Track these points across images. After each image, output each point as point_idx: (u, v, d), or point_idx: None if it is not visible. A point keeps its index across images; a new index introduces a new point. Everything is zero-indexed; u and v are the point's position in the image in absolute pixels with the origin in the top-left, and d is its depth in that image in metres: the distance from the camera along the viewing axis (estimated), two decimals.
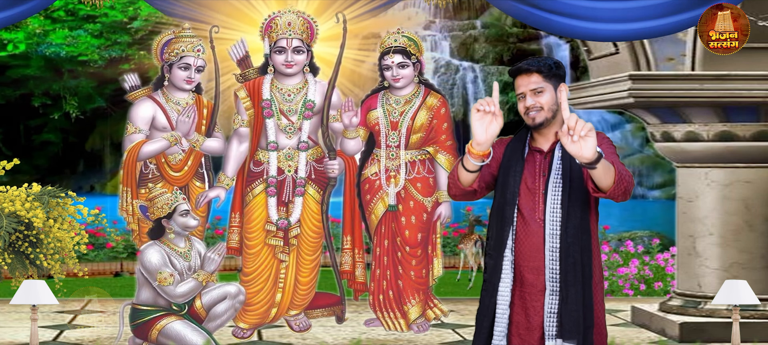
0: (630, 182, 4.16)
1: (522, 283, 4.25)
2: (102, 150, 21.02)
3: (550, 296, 4.20)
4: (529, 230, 4.24)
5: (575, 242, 4.18)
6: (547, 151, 4.27)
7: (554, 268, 4.19)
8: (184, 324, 6.78)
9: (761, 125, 8.07)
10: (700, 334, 7.84)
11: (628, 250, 12.02)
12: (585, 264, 4.20)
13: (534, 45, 20.93)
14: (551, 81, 4.26)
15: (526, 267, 4.24)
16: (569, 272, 4.17)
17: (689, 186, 8.34)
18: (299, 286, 7.44)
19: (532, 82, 4.24)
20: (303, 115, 7.29)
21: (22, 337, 7.89)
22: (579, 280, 4.18)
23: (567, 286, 4.17)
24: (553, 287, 4.20)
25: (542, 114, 4.23)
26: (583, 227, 4.21)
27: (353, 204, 7.49)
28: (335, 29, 7.28)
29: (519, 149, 4.30)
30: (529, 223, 4.24)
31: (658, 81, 7.92)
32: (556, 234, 4.19)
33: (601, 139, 4.21)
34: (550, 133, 4.28)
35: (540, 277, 4.22)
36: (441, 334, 7.91)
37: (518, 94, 4.28)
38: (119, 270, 13.23)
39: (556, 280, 4.19)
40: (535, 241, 4.23)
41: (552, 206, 4.21)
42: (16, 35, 18.48)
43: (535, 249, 4.23)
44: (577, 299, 4.16)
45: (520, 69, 4.28)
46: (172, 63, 7.19)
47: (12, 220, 7.14)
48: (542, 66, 4.26)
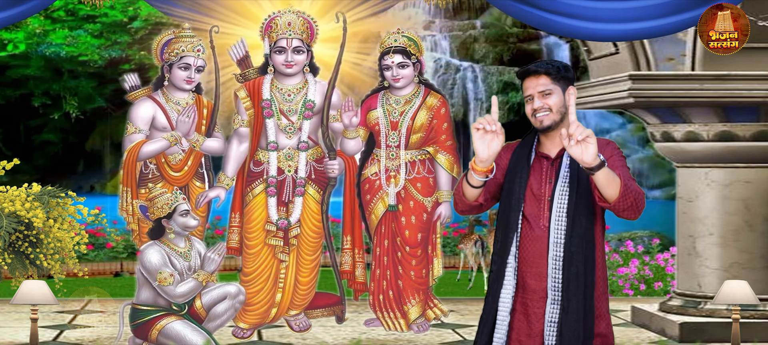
0: (638, 198, 4.10)
1: (524, 289, 4.21)
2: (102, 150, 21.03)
3: (552, 305, 4.16)
4: (534, 236, 4.20)
5: (579, 251, 4.13)
6: (555, 157, 4.23)
7: (557, 277, 4.15)
8: (184, 324, 6.78)
9: (761, 125, 8.07)
10: (700, 334, 7.84)
11: (628, 250, 12.03)
12: (588, 274, 4.15)
13: (534, 45, 20.93)
14: (560, 83, 4.22)
15: (529, 273, 4.20)
16: (571, 281, 4.12)
17: (689, 186, 8.35)
18: (299, 286, 7.44)
19: (541, 84, 4.20)
20: (303, 115, 7.29)
21: (22, 337, 7.89)
22: (581, 291, 4.13)
23: (569, 295, 4.12)
24: (555, 296, 4.15)
25: (550, 116, 4.19)
26: (588, 237, 4.16)
27: (353, 204, 7.49)
28: (335, 30, 7.28)
29: (525, 155, 4.26)
30: (533, 230, 4.20)
31: (658, 81, 7.92)
32: (560, 242, 4.15)
33: (611, 151, 4.19)
34: (557, 138, 4.22)
35: (542, 283, 4.18)
36: (441, 334, 7.91)
37: (526, 95, 4.24)
38: (119, 270, 13.24)
39: (558, 289, 4.15)
40: (538, 248, 4.19)
41: (557, 214, 4.16)
42: (16, 35, 18.49)
43: (539, 256, 4.19)
44: (578, 310, 4.12)
45: (528, 71, 4.24)
46: (172, 63, 7.19)
47: (12, 220, 7.14)
48: (551, 68, 4.22)
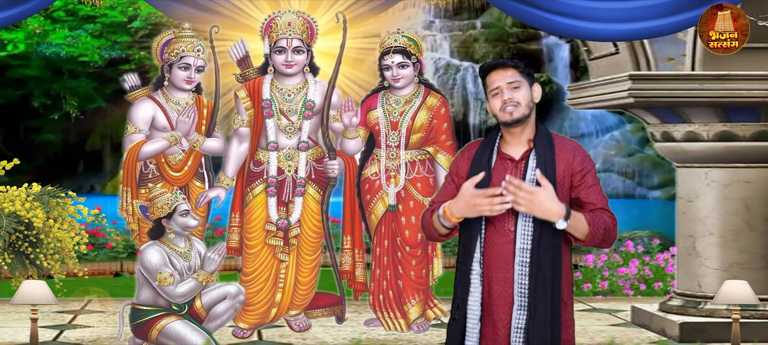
0: (607, 234, 4.07)
1: (489, 295, 4.11)
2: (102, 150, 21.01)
3: (518, 311, 4.06)
4: (499, 241, 4.09)
5: (546, 257, 4.04)
6: (520, 158, 4.13)
7: (523, 283, 4.05)
8: (184, 324, 6.78)
9: (761, 125, 8.07)
10: (700, 334, 7.84)
11: (628, 250, 12.02)
12: (555, 280, 4.06)
13: (534, 45, 20.92)
14: (526, 78, 4.14)
15: (494, 278, 4.09)
16: (539, 287, 4.03)
17: (689, 186, 8.34)
18: (299, 286, 7.44)
19: (509, 76, 4.11)
20: (303, 115, 7.29)
21: (22, 337, 7.89)
22: (548, 297, 4.04)
23: (536, 302, 4.03)
24: (522, 302, 4.06)
25: (520, 109, 4.08)
26: (555, 243, 4.06)
27: (353, 204, 7.49)
28: (336, 27, 7.27)
29: (486, 155, 4.15)
30: (499, 235, 4.09)
31: (658, 81, 7.92)
32: (526, 248, 4.05)
33: (583, 165, 4.12)
34: (522, 137, 4.13)
35: (508, 289, 4.08)
36: (441, 334, 7.90)
37: (493, 89, 4.12)
38: (119, 270, 13.24)
39: (524, 295, 4.05)
40: (504, 253, 4.08)
41: (524, 219, 4.05)
42: (16, 35, 18.48)
43: (505, 261, 4.08)
44: (545, 316, 4.03)
45: (495, 65, 4.15)
46: (172, 63, 7.19)
47: (12, 220, 7.13)
48: (518, 62, 4.15)
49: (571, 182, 4.12)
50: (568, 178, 4.12)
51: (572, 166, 4.12)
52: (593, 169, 4.16)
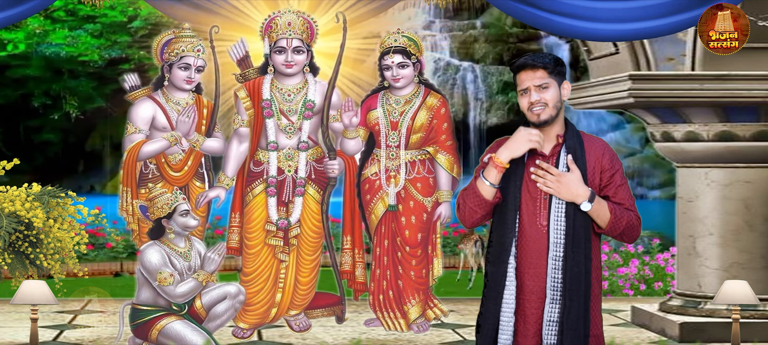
0: (629, 229, 4.13)
1: (521, 289, 4.16)
2: (102, 150, 21.00)
3: (551, 304, 4.11)
4: (532, 236, 4.14)
5: (579, 251, 4.09)
6: (550, 154, 4.18)
7: (557, 277, 4.10)
8: (184, 324, 6.78)
9: (761, 125, 8.07)
10: (700, 334, 7.84)
11: (628, 250, 12.02)
12: (587, 274, 4.12)
13: (534, 45, 20.90)
14: (555, 78, 4.18)
15: (527, 274, 4.15)
16: (573, 281, 4.08)
17: (689, 186, 8.35)
18: (299, 286, 7.44)
19: (538, 78, 4.14)
20: (303, 115, 7.29)
21: (22, 337, 7.89)
22: (581, 291, 4.10)
23: (570, 296, 4.08)
24: (554, 295, 4.11)
25: (547, 111, 4.13)
26: (587, 236, 4.12)
27: (353, 204, 7.49)
28: (336, 27, 7.28)
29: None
30: (531, 230, 4.14)
31: (658, 81, 7.92)
32: (560, 242, 4.10)
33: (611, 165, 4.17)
34: (552, 134, 4.17)
35: (540, 283, 4.13)
36: (441, 334, 7.91)
37: (522, 89, 4.17)
38: (119, 270, 13.23)
39: (557, 289, 4.10)
40: (537, 248, 4.14)
41: (556, 213, 4.11)
42: (16, 35, 18.48)
43: (538, 255, 4.13)
44: (579, 310, 4.09)
45: (525, 64, 4.17)
46: (172, 63, 7.19)
47: (12, 220, 7.13)
48: (548, 62, 4.17)
49: (600, 180, 4.17)
50: (597, 175, 4.17)
51: (601, 163, 4.17)
52: (621, 169, 4.21)
